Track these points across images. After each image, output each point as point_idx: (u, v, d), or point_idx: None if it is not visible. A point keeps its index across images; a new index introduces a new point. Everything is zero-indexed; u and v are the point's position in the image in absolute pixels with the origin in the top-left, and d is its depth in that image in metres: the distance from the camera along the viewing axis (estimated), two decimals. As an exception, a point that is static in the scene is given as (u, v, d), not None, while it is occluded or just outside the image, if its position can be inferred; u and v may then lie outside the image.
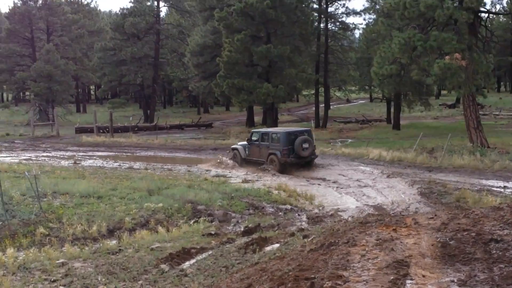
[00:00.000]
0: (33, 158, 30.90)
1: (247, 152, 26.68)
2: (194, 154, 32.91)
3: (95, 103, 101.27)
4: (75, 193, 16.92)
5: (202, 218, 14.85)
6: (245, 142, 27.23)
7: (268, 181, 21.74)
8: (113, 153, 34.34)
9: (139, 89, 63.60)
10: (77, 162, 28.54)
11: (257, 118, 53.31)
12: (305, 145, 24.56)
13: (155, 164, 28.19)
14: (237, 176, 23.25)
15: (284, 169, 24.48)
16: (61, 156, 32.39)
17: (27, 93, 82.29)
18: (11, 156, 31.79)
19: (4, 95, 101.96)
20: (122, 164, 27.71)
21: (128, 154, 33.97)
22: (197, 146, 35.62)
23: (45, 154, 33.80)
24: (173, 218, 14.90)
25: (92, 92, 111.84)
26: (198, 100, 74.98)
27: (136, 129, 49.80)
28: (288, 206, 16.68)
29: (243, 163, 26.65)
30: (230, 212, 15.56)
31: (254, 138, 26.45)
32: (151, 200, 16.20)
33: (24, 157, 31.24)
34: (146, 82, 60.53)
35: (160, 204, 15.53)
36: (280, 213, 15.83)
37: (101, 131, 46.11)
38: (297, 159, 24.63)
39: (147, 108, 62.06)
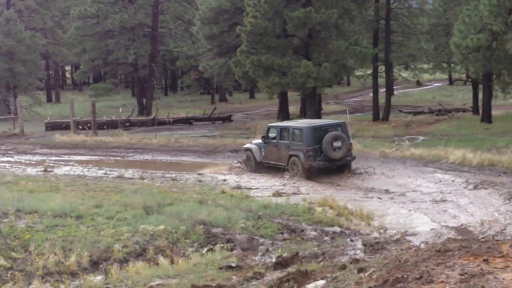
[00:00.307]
0: (-11, 165, 31.17)
1: (263, 153, 27.43)
2: (206, 157, 33.32)
3: (72, 89, 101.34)
4: (46, 211, 17.02)
5: (218, 245, 15.01)
6: (260, 141, 27.87)
7: (309, 193, 21.82)
8: (97, 157, 34.73)
9: (131, 71, 63.15)
10: (49, 169, 28.79)
11: (294, 109, 52.99)
12: (337, 144, 25.16)
13: (154, 171, 28.45)
14: (266, 187, 23.41)
15: (309, 176, 25.10)
16: (27, 162, 32.81)
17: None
18: (-40, 163, 32.17)
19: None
20: (109, 172, 28.01)
21: (118, 158, 34.40)
22: (211, 147, 35.93)
23: (5, 159, 34.27)
24: (179, 245, 15.04)
25: (68, 75, 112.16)
26: (212, 85, 74.94)
27: (127, 124, 49.82)
28: (337, 229, 16.79)
29: (258, 168, 27.49)
30: (256, 237, 15.70)
31: (271, 135, 27.13)
32: (149, 220, 16.32)
33: (-23, 164, 31.59)
34: (141, 61, 60.12)
35: (162, 227, 15.66)
36: (325, 238, 15.94)
37: (80, 127, 46.21)
38: (327, 163, 25.37)
39: (143, 96, 61.86)
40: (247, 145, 28.83)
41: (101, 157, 34.56)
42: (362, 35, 46.10)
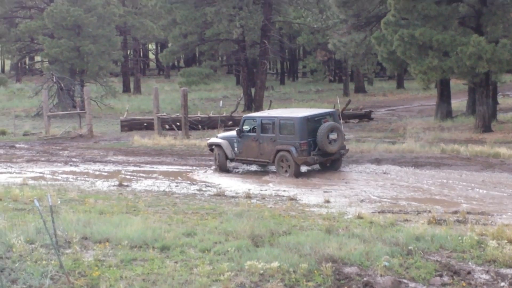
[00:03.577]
0: (48, 176, 32.10)
1: (236, 149, 32.08)
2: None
3: (156, 75, 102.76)
4: (121, 240, 17.33)
5: (353, 290, 15.28)
6: (232, 133, 32.74)
7: (479, 220, 21.31)
8: (189, 167, 35.04)
9: (236, 50, 64.31)
10: (125, 183, 29.48)
11: (457, 102, 52.90)
12: (333, 136, 30.03)
13: (264, 188, 28.41)
14: (417, 209, 23.33)
15: (300, 173, 29.84)
16: (97, 173, 33.47)
17: (38, 58, 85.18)
18: (10, 173, 33.28)
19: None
20: (204, 188, 28.34)
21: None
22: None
23: (68, 168, 35.08)
24: (298, 289, 15.46)
25: (151, 56, 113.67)
26: (346, 70, 75.28)
27: (230, 123, 50.27)
28: (521, 271, 16.19)
29: (226, 166, 32.49)
30: (405, 281, 15.50)
31: (246, 127, 31.91)
32: (259, 255, 16.29)
33: (32, 174, 32.51)
34: (250, 37, 61.03)
35: (275, 263, 15.55)
36: (502, 284, 15.55)
37: (167, 126, 47.69)
38: (322, 157, 30.27)
39: (251, 84, 62.59)
40: (213, 140, 33.50)
41: (194, 167, 34.69)
42: None
